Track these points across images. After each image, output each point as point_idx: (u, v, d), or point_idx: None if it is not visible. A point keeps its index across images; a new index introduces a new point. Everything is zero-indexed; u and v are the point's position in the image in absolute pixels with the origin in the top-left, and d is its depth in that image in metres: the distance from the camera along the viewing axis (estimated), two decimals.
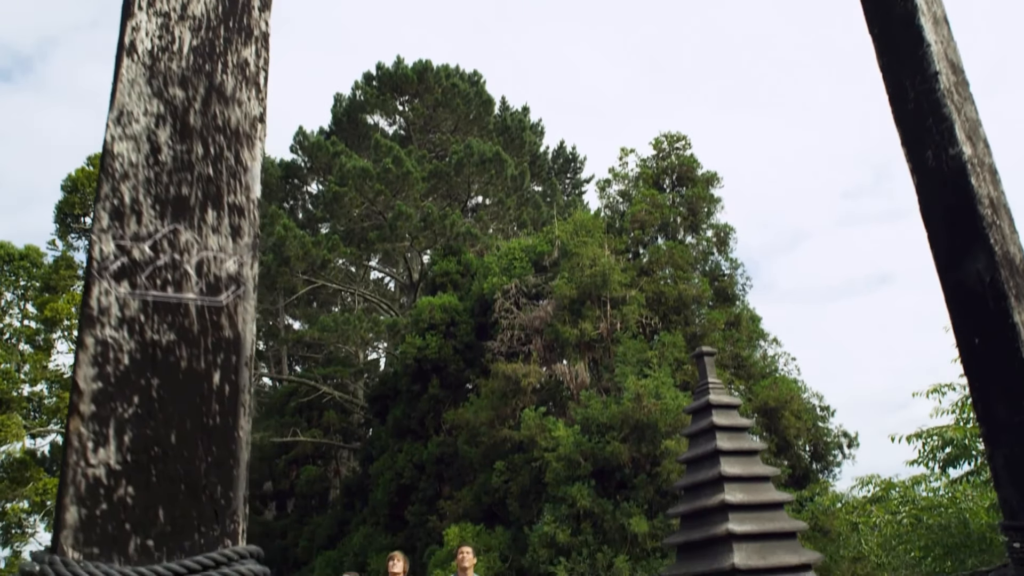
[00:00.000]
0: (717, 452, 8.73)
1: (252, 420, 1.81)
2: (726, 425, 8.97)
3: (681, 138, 21.18)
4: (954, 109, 3.07)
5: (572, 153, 30.20)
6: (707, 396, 9.13)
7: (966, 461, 10.14)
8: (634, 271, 19.69)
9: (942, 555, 10.23)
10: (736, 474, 8.64)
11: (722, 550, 8.30)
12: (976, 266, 2.76)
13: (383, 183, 23.41)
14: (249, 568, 1.58)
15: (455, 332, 21.90)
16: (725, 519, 8.37)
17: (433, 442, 21.53)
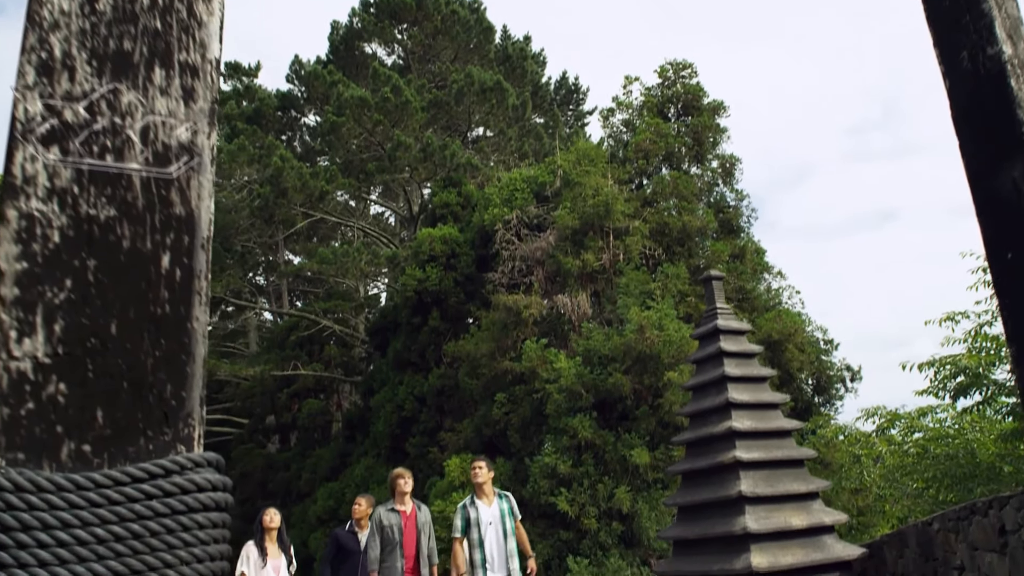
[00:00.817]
0: (724, 378, 8.53)
1: (252, 354, 1.58)
2: (734, 351, 8.76)
3: (687, 66, 20.60)
4: (994, 5, 2.76)
5: (575, 84, 29.52)
6: (715, 321, 8.90)
7: (977, 391, 9.94)
8: (637, 202, 19.33)
9: (949, 485, 10.12)
10: (744, 401, 8.45)
11: (729, 477, 8.16)
12: (1012, 175, 2.48)
13: (382, 113, 22.86)
14: (205, 477, 1.41)
15: (455, 264, 21.64)
16: (732, 446, 8.21)
17: (434, 374, 21.44)
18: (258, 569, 7.68)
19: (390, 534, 7.70)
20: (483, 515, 7.55)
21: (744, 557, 7.64)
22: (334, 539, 8.39)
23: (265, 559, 7.75)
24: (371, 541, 7.72)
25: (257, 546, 7.82)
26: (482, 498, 7.69)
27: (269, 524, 7.98)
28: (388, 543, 7.67)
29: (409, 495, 8.04)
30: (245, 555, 7.76)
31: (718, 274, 9.25)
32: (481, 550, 7.46)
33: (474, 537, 7.46)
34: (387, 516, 7.81)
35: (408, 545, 7.75)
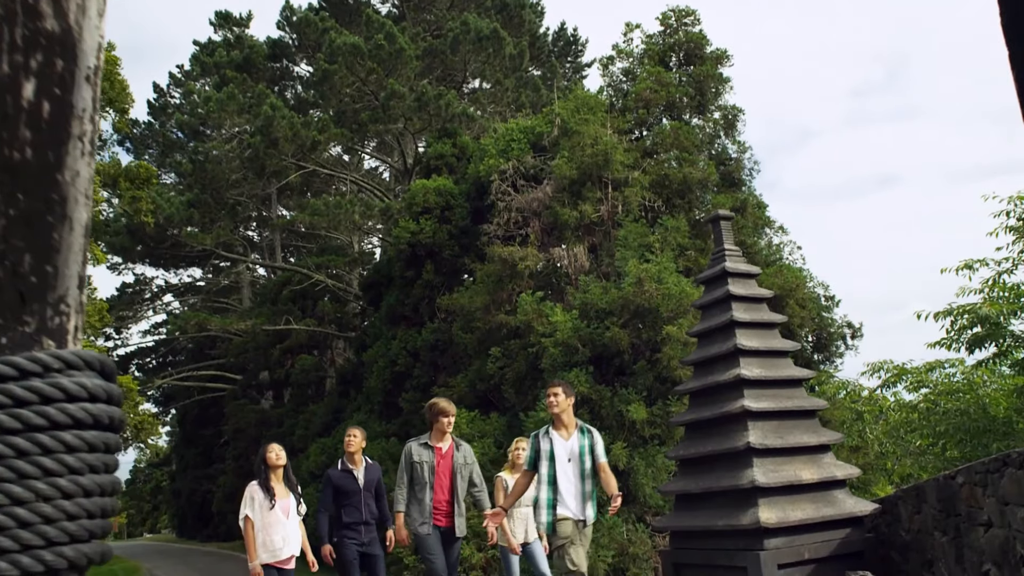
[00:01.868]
0: (733, 323, 7.90)
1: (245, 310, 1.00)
2: (743, 295, 8.12)
3: (690, 13, 19.73)
4: None
5: (573, 35, 28.55)
6: (723, 263, 8.25)
7: (992, 342, 9.36)
8: (637, 152, 18.58)
9: (961, 441, 9.56)
10: (753, 347, 7.83)
11: (736, 428, 7.57)
12: None
13: (375, 61, 21.97)
14: (79, 382, 1.00)
15: (450, 216, 20.94)
16: (740, 395, 7.62)
17: (427, 329, 20.85)
18: (265, 512, 6.76)
19: (419, 472, 6.71)
20: (558, 449, 6.44)
21: (752, 512, 7.08)
22: (328, 481, 7.33)
23: (273, 500, 6.81)
24: (400, 478, 6.75)
25: (262, 487, 6.86)
26: (559, 430, 6.56)
27: (276, 461, 7.00)
28: (416, 483, 6.72)
29: (450, 433, 7.03)
30: (249, 497, 6.84)
31: (727, 213, 8.59)
32: (551, 488, 6.36)
33: (544, 473, 6.40)
34: (419, 451, 6.80)
35: (439, 488, 6.74)
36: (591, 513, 6.45)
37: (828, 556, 7.24)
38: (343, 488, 7.19)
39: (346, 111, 23.91)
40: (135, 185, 18.71)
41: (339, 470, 7.39)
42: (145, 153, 31.24)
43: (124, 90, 17.98)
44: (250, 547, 6.66)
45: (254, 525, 6.70)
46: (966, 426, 9.33)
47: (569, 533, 6.20)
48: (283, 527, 6.75)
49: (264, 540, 6.69)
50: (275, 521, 6.74)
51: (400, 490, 6.68)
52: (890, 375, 11.97)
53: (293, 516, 6.92)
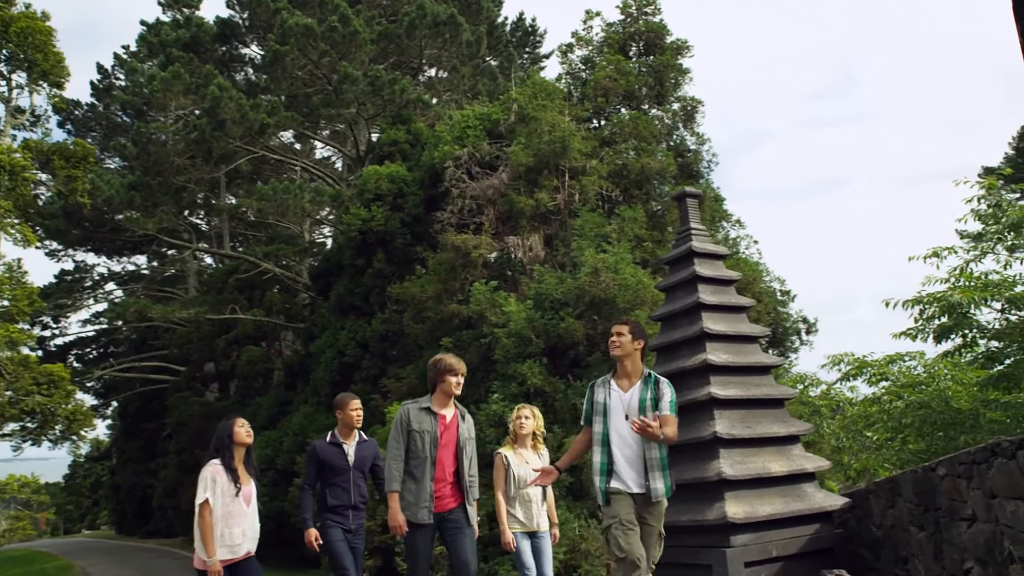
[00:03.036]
0: (699, 306, 7.36)
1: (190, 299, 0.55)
2: (710, 276, 7.59)
3: (651, 2, 19.27)
4: None
5: (532, 26, 27.98)
6: (689, 242, 7.71)
7: (959, 333, 8.98)
8: (595, 141, 18.06)
9: (927, 434, 9.18)
10: (720, 332, 7.30)
11: (702, 417, 7.04)
12: None
13: (328, 44, 21.13)
14: None
15: (403, 204, 20.20)
16: (706, 382, 7.08)
17: (377, 319, 20.09)
18: (228, 498, 5.41)
19: (418, 444, 5.25)
20: (614, 401, 5.02)
21: (718, 506, 6.55)
22: (313, 455, 6.07)
23: (238, 485, 5.47)
24: (393, 448, 5.28)
25: (226, 467, 5.48)
26: (620, 379, 5.10)
27: (245, 438, 5.64)
28: (414, 457, 5.26)
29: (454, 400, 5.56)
30: (210, 479, 5.43)
31: (694, 191, 8.05)
32: (603, 451, 4.99)
33: (596, 431, 5.03)
34: (418, 417, 5.34)
35: (443, 464, 5.32)
36: (659, 486, 4.90)
37: (797, 553, 6.74)
38: (329, 464, 5.98)
39: (297, 95, 23.00)
40: (71, 164, 17.61)
41: (327, 442, 6.10)
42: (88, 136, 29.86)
43: (59, 63, 16.93)
44: (207, 538, 5.33)
45: (212, 512, 5.35)
46: (932, 418, 8.96)
47: (619, 512, 4.78)
48: (244, 518, 5.51)
49: (223, 532, 5.40)
50: (237, 511, 5.46)
51: (395, 464, 5.22)
52: (851, 368, 11.60)
53: (255, 506, 5.68)
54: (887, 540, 6.71)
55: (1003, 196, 8.66)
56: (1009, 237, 8.38)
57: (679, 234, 8.07)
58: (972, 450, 5.54)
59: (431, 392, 5.49)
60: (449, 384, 5.40)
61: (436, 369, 5.49)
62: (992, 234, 8.38)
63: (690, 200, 7.90)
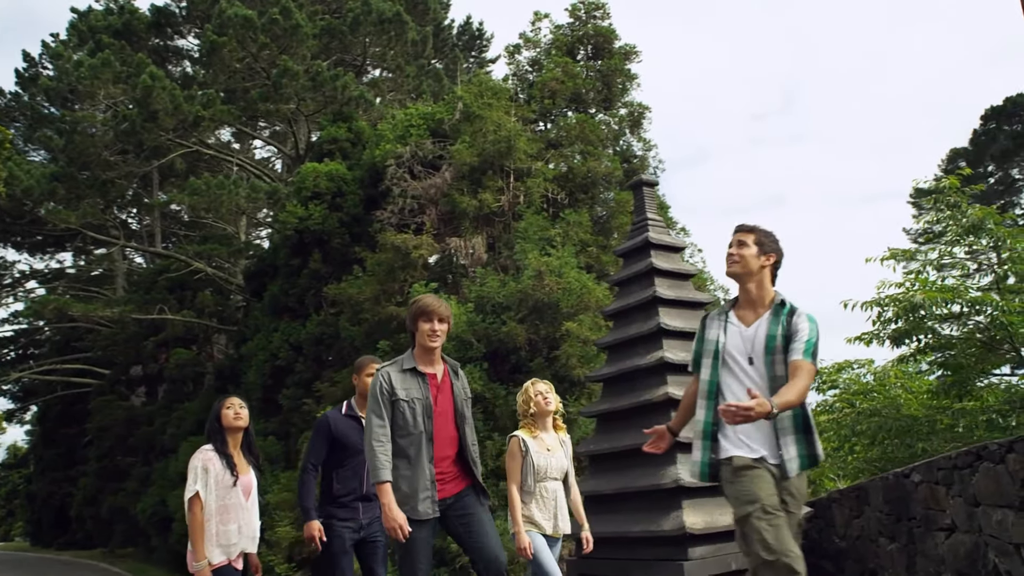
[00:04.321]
0: (656, 300, 6.79)
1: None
2: (667, 269, 7.03)
3: (600, 6, 18.87)
4: None
5: (479, 30, 27.43)
6: (645, 233, 7.15)
7: (915, 338, 8.61)
8: (541, 143, 17.53)
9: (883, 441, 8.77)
10: (678, 328, 6.74)
11: (658, 419, 6.44)
12: None
13: (269, 36, 20.21)
14: None
15: (342, 203, 19.37)
16: (663, 381, 6.51)
17: (312, 321, 19.19)
18: (224, 488, 4.51)
19: (408, 417, 3.99)
20: (731, 339, 3.58)
21: (675, 516, 5.96)
22: (323, 430, 4.82)
23: (235, 475, 4.56)
24: (374, 427, 3.96)
25: (220, 453, 4.56)
26: (743, 309, 3.66)
27: (234, 421, 4.68)
28: (403, 434, 4.00)
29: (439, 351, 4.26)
30: (201, 467, 4.49)
31: (651, 179, 7.50)
32: (710, 406, 3.58)
33: (704, 378, 3.63)
34: (402, 382, 4.06)
35: (442, 436, 4.07)
36: (793, 455, 3.39)
37: None
38: (343, 441, 4.75)
39: (236, 89, 22.00)
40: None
41: (342, 414, 4.90)
42: (11, 127, 28.24)
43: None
44: (196, 537, 4.39)
45: (204, 508, 4.43)
46: (887, 426, 8.57)
47: (759, 493, 3.28)
48: (242, 514, 4.59)
49: (218, 530, 4.46)
50: (235, 504, 4.55)
51: (380, 448, 3.92)
52: None
53: (254, 499, 4.74)
54: (852, 551, 6.21)
55: (964, 196, 8.35)
56: (967, 239, 8.06)
57: (634, 224, 7.51)
58: (953, 454, 5.06)
59: (411, 347, 4.24)
60: (423, 333, 4.10)
61: (410, 315, 4.23)
62: (952, 236, 8.05)
63: (647, 189, 7.35)
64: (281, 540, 15.50)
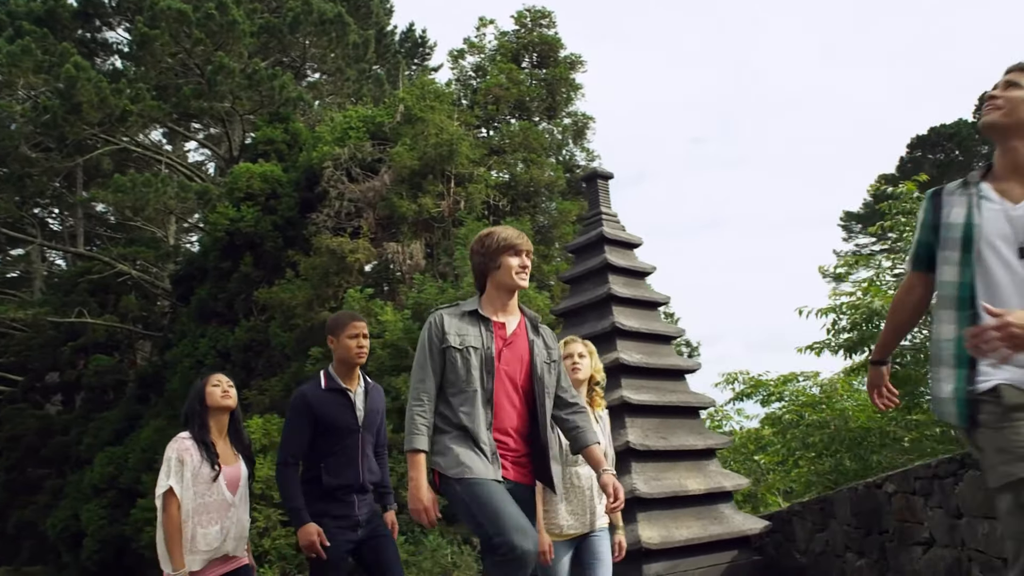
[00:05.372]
0: (610, 298, 6.30)
1: None
2: (623, 266, 6.55)
3: (546, 15, 18.52)
4: None
5: (422, 37, 26.86)
6: (600, 228, 6.65)
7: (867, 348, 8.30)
8: (484, 149, 17.04)
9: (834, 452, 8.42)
10: (633, 328, 6.25)
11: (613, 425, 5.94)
12: None
13: (204, 31, 19.27)
14: None
15: (276, 206, 18.50)
16: (617, 384, 6.00)
17: (242, 327, 18.23)
18: (203, 483, 3.72)
19: (461, 369, 3.02)
20: (990, 221, 2.37)
21: (630, 529, 5.43)
22: (303, 409, 3.80)
23: (216, 465, 3.75)
24: (417, 381, 3.08)
25: (198, 442, 3.76)
26: (1004, 180, 2.44)
27: (220, 400, 3.87)
28: (456, 389, 3.03)
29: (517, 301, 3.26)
30: (175, 458, 3.71)
31: (606, 172, 7.02)
32: (962, 317, 2.35)
33: (949, 279, 2.42)
34: (457, 325, 3.10)
35: (505, 402, 3.05)
36: None
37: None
38: (328, 422, 3.80)
39: (168, 86, 20.95)
40: None
41: (323, 388, 3.86)
42: None
43: None
44: (172, 541, 3.63)
45: (180, 506, 3.66)
46: (841, 437, 8.24)
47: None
48: (226, 512, 3.80)
49: (195, 532, 3.69)
50: (216, 502, 3.76)
51: (420, 408, 3.01)
52: (746, 387, 10.87)
53: (243, 495, 3.93)
54: (814, 567, 5.78)
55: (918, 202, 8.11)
56: None
57: (587, 219, 7.02)
58: (933, 462, 4.65)
59: (479, 292, 3.25)
60: (508, 270, 3.08)
61: (485, 249, 3.16)
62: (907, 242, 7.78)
63: (601, 182, 6.87)
64: None
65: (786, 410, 9.86)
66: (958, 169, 30.85)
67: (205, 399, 3.86)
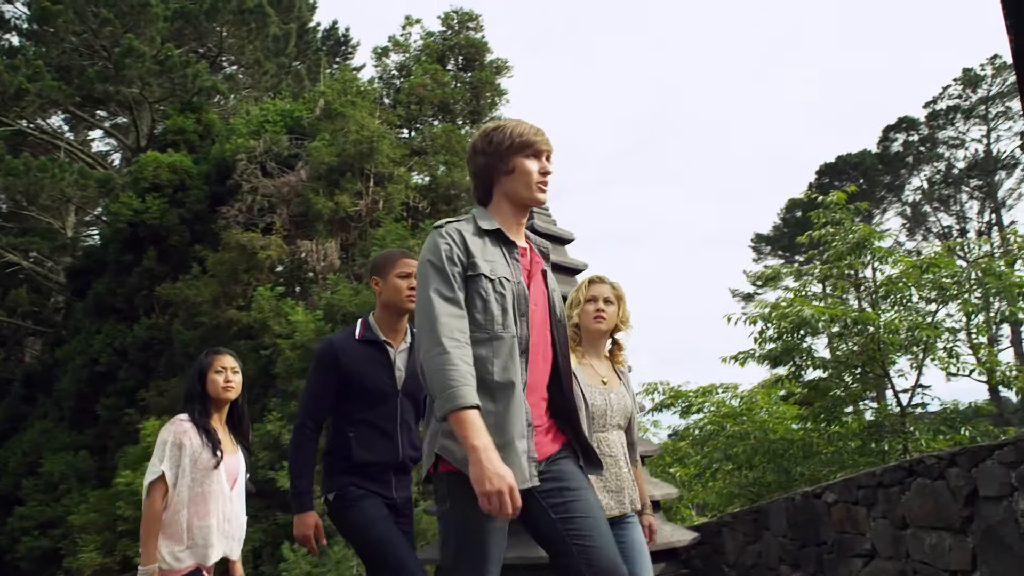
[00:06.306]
0: None
1: None
2: (556, 262, 6.15)
3: (474, 18, 18.15)
4: None
5: (345, 36, 26.10)
6: (531, 221, 6.24)
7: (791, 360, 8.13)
8: (405, 149, 16.49)
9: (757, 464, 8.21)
10: None
11: None
12: None
13: (112, 11, 18.17)
14: None
15: (184, 198, 17.50)
16: None
17: (142, 324, 17.13)
18: (203, 470, 3.24)
19: (493, 305, 2.19)
20: None
21: None
22: (328, 363, 3.11)
23: (217, 453, 3.29)
24: (435, 314, 2.11)
25: (198, 426, 3.32)
26: None
27: (224, 392, 3.42)
28: (483, 330, 2.18)
29: None
30: (173, 443, 3.26)
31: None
32: None
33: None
34: (482, 248, 2.28)
35: (538, 350, 2.29)
36: None
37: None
38: (358, 379, 3.06)
39: (71, 68, 19.66)
40: None
41: (356, 338, 3.15)
42: None
43: None
44: (149, 533, 3.14)
45: (173, 497, 3.19)
46: (764, 448, 8.03)
47: None
48: (224, 505, 3.31)
49: (191, 524, 3.20)
50: (215, 493, 3.27)
51: (455, 350, 2.06)
52: (666, 397, 10.64)
53: (241, 489, 3.49)
54: None
55: (849, 213, 8.01)
56: (847, 259, 7.69)
57: None
58: (878, 470, 4.38)
59: (483, 203, 2.45)
60: (525, 176, 2.34)
61: (494, 148, 2.37)
62: (835, 253, 7.65)
63: None
64: (84, 568, 13.43)
65: (707, 421, 9.64)
66: (861, 196, 31.95)
67: (206, 383, 3.43)
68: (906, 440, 7.42)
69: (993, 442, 3.68)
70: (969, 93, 31.82)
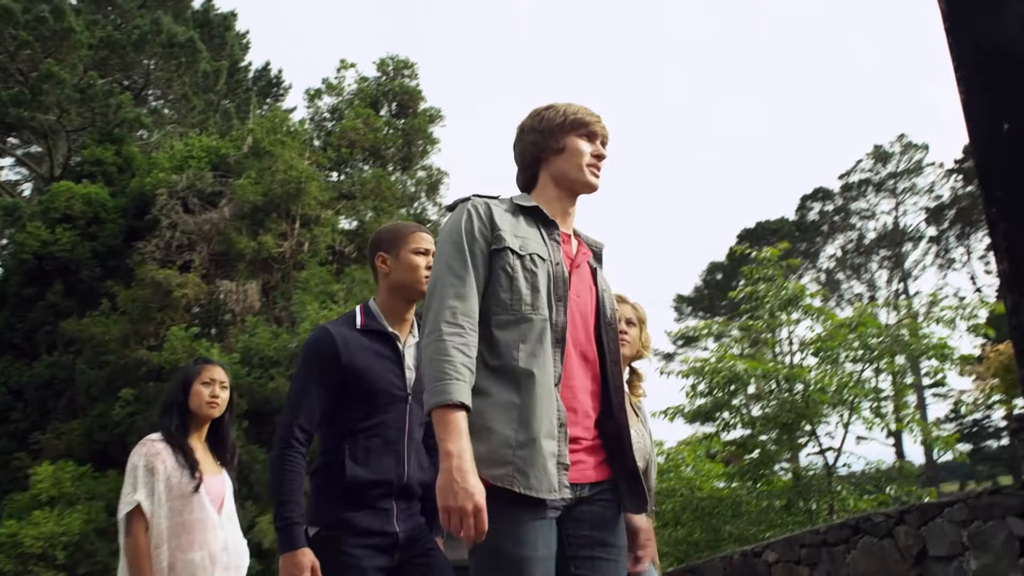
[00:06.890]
0: None
1: None
2: None
3: (409, 65, 18.09)
4: None
5: (277, 77, 25.75)
6: None
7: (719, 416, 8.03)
8: (334, 192, 16.15)
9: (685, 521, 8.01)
10: None
11: None
12: None
13: (33, 34, 17.44)
14: None
15: (98, 232, 16.66)
16: None
17: (42, 362, 16.07)
18: (180, 497, 2.83)
19: (521, 283, 1.83)
20: None
21: None
22: (325, 354, 2.38)
23: (196, 476, 2.88)
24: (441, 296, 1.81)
25: (173, 446, 2.91)
26: None
27: (208, 408, 3.03)
28: (510, 310, 1.82)
29: None
30: (144, 468, 2.83)
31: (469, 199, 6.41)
32: None
33: None
34: (512, 223, 1.93)
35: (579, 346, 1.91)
36: None
37: None
38: (360, 377, 2.39)
39: None
40: None
41: (356, 328, 2.46)
42: None
43: None
44: (138, 571, 2.70)
45: (148, 528, 2.77)
46: (693, 506, 7.85)
47: None
48: (212, 533, 2.88)
49: (174, 560, 2.77)
50: (198, 521, 2.84)
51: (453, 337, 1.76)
52: None
53: (232, 512, 3.05)
54: None
55: (781, 269, 8.05)
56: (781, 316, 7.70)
57: None
58: (822, 528, 4.20)
59: (526, 190, 2.12)
60: (576, 156, 2.04)
61: (544, 126, 2.07)
62: (768, 309, 7.64)
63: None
64: None
65: None
66: (781, 259, 32.91)
67: (189, 395, 3.01)
68: (832, 499, 7.33)
69: (943, 499, 3.54)
70: (880, 167, 33.37)
